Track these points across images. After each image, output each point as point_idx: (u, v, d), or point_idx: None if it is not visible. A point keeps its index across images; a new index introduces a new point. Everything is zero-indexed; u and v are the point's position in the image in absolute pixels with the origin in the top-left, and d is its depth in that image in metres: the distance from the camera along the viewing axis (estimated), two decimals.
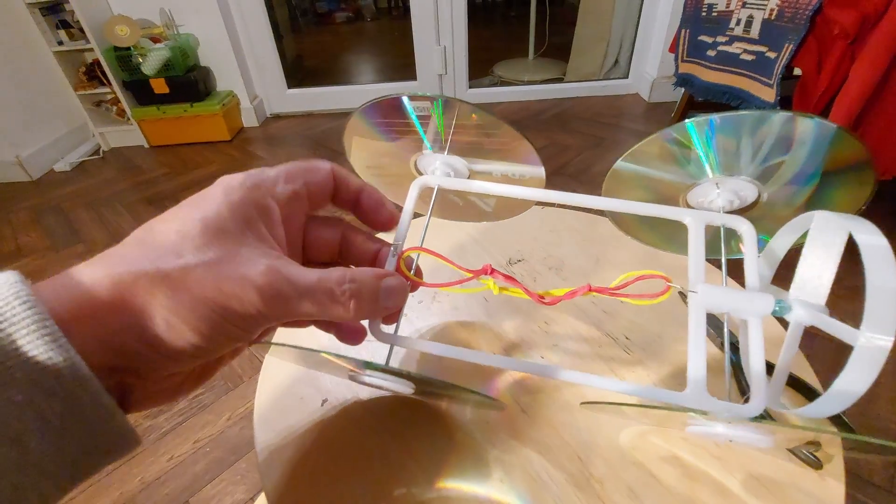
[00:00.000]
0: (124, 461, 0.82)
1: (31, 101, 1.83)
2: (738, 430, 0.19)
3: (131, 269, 0.15)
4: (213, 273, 0.16)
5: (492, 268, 0.22)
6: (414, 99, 0.26)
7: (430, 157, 0.29)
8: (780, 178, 0.26)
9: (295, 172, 0.21)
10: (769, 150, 0.24)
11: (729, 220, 0.25)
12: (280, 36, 2.14)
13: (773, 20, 1.14)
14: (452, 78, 2.19)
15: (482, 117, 0.27)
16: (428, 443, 0.27)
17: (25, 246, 1.43)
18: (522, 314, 0.36)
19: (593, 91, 2.28)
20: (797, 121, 0.23)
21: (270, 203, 0.19)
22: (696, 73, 1.44)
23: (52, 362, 0.13)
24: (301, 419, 0.28)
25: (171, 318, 0.16)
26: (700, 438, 0.22)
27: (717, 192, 0.26)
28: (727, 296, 0.21)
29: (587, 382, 0.21)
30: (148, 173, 1.83)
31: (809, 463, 0.25)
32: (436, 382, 0.22)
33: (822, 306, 0.21)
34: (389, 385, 0.23)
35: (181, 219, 0.17)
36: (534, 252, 0.42)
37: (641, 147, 0.26)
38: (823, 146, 0.24)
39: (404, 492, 0.24)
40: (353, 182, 0.23)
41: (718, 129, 0.25)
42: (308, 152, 1.91)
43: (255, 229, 0.18)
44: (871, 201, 0.27)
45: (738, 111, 0.24)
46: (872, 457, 0.23)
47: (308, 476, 0.25)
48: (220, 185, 0.19)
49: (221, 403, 0.91)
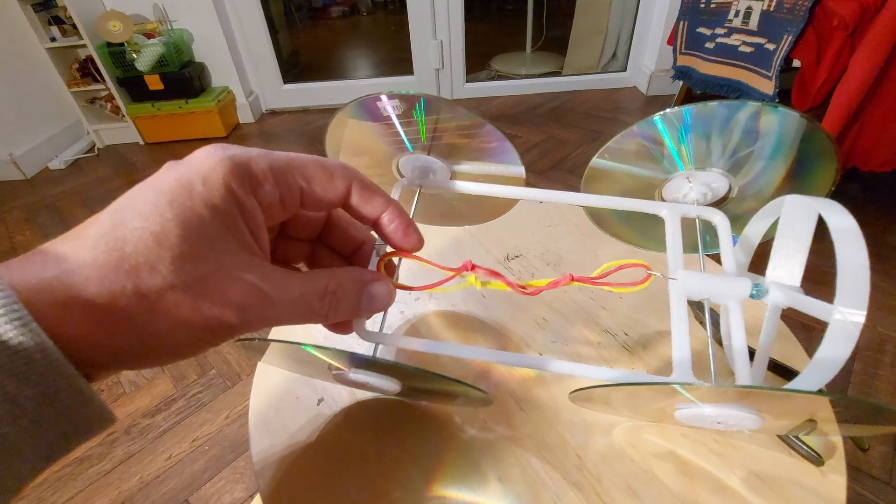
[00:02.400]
0: (127, 456, 0.81)
1: (25, 98, 1.81)
2: (724, 410, 0.19)
3: (107, 286, 0.14)
4: (192, 295, 0.16)
5: (472, 263, 0.22)
6: (392, 97, 0.25)
7: (412, 159, 0.29)
8: (749, 170, 0.26)
9: (291, 176, 0.19)
10: (738, 143, 0.25)
11: (703, 212, 0.26)
12: (275, 31, 2.12)
13: (772, 11, 1.13)
14: (449, 72, 2.18)
15: (465, 117, 0.27)
16: (424, 442, 0.26)
17: (20, 245, 1.42)
18: (519, 310, 0.35)
19: (591, 84, 2.26)
20: (763, 111, 0.24)
21: (253, 205, 0.18)
22: (694, 65, 1.43)
23: (23, 347, 0.13)
24: (297, 419, 0.28)
25: (148, 340, 0.15)
26: (690, 427, 0.22)
27: (689, 186, 0.27)
28: (706, 281, 0.22)
29: (576, 372, 0.21)
30: (143, 171, 1.82)
31: (810, 459, 0.24)
32: (420, 373, 0.21)
33: (798, 287, 0.22)
34: (375, 382, 0.22)
35: (158, 216, 0.15)
36: (531, 248, 0.42)
37: (614, 144, 0.27)
38: (790, 136, 0.24)
39: (401, 492, 0.24)
40: (378, 202, 0.21)
41: (687, 122, 0.25)
42: (304, 148, 1.90)
43: (238, 234, 0.17)
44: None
45: (706, 103, 0.24)
46: (866, 430, 0.23)
47: (303, 476, 0.25)
48: (199, 175, 0.16)
49: (219, 402, 0.91)
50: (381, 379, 0.22)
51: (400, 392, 0.24)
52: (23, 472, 0.14)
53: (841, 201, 0.22)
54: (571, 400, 0.24)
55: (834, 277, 0.20)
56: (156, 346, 0.16)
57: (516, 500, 0.24)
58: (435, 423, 0.27)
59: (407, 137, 0.28)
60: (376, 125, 0.27)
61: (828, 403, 0.18)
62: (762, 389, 0.16)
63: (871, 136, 1.07)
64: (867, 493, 0.71)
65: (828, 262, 0.22)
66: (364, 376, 0.22)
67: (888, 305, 1.01)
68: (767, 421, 0.20)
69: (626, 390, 0.20)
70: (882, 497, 0.71)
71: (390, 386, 0.22)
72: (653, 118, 0.26)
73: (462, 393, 0.23)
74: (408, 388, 0.24)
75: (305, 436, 0.27)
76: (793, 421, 0.21)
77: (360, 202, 0.20)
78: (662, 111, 0.26)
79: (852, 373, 0.88)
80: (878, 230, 1.23)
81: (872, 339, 0.95)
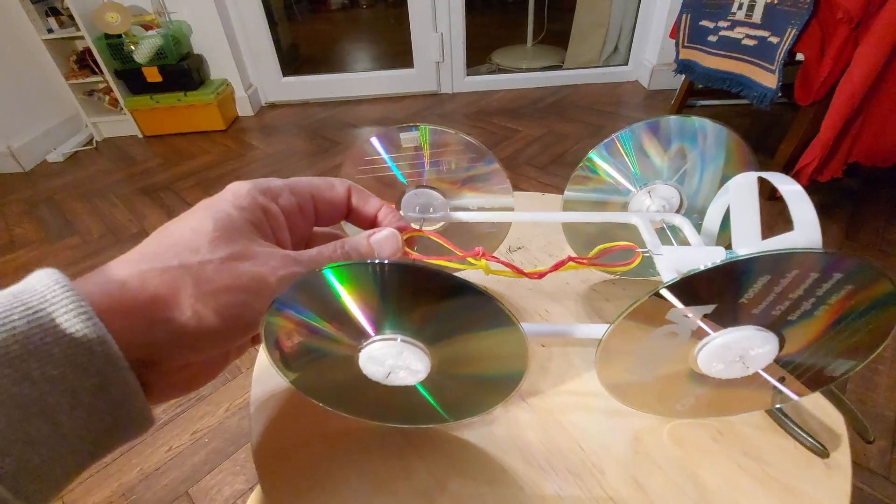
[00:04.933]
0: (128, 448, 0.82)
1: (22, 90, 1.80)
2: (742, 333, 0.20)
3: (155, 265, 0.17)
4: (230, 265, 0.18)
5: (483, 251, 0.23)
6: (402, 130, 0.30)
7: (412, 196, 0.32)
8: (692, 181, 0.31)
9: (303, 186, 0.23)
10: (674, 156, 0.30)
11: (666, 217, 0.31)
12: (274, 23, 2.10)
13: (775, 4, 1.12)
14: (450, 65, 2.16)
15: (465, 147, 0.30)
16: (428, 432, 0.26)
17: (19, 238, 1.42)
18: (522, 301, 0.35)
19: (592, 78, 2.25)
20: (687, 124, 0.29)
21: (275, 209, 0.21)
22: (696, 59, 1.42)
23: (87, 339, 0.15)
24: (298, 408, 0.28)
25: (196, 306, 0.17)
26: (705, 366, 0.21)
27: (650, 201, 0.32)
28: (687, 252, 0.26)
29: (569, 332, 0.24)
30: (142, 164, 1.81)
31: (815, 451, 0.24)
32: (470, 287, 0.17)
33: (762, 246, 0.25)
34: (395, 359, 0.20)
35: (195, 219, 0.19)
36: (533, 239, 0.42)
37: (577, 175, 0.32)
38: (714, 147, 0.29)
39: (403, 482, 0.24)
40: (373, 202, 0.24)
41: (627, 143, 0.31)
42: (303, 142, 1.89)
43: (262, 230, 0.20)
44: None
45: (640, 122, 0.30)
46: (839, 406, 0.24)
47: (304, 465, 0.25)
48: (230, 190, 0.20)
49: (220, 394, 0.91)
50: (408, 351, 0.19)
51: (428, 374, 0.21)
52: (70, 464, 0.15)
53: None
54: (598, 366, 0.23)
55: None
56: (200, 328, 0.17)
57: (519, 491, 0.24)
58: None
59: (400, 173, 0.31)
60: (375, 162, 0.31)
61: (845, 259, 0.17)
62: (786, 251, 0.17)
63: (873, 131, 1.06)
64: (865, 487, 0.71)
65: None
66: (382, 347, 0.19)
67: None
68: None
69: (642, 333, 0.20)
70: (880, 491, 0.71)
71: (418, 363, 0.20)
72: (589, 155, 0.32)
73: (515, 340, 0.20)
74: (439, 364, 0.21)
75: (307, 425, 0.27)
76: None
77: (360, 203, 0.24)
78: (596, 146, 0.31)
79: None
80: (879, 226, 1.23)
81: None
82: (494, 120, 1.94)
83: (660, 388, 0.24)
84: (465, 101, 2.16)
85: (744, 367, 0.21)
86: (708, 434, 0.26)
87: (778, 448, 0.25)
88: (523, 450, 0.25)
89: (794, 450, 0.25)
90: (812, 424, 0.26)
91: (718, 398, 0.24)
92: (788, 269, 0.17)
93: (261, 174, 1.67)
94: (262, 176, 0.94)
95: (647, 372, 0.23)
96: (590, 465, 0.24)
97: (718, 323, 0.19)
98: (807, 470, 0.24)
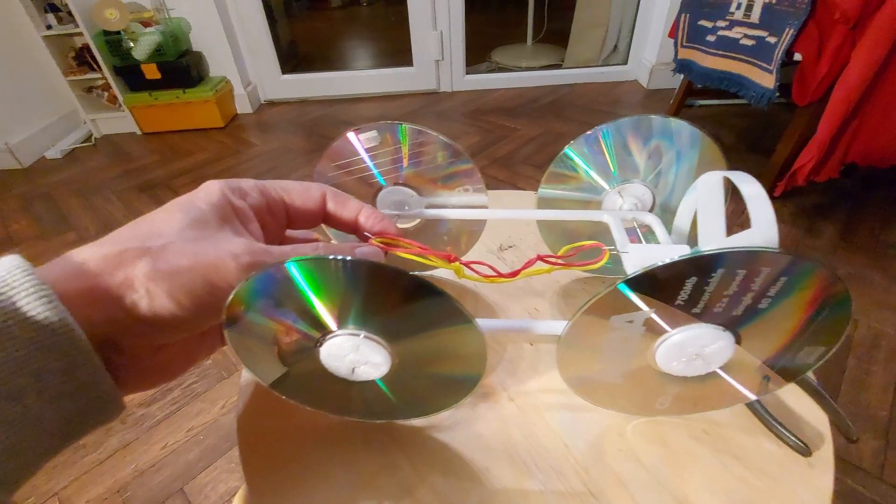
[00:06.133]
0: (122, 445, 0.82)
1: (20, 87, 1.80)
2: (697, 331, 0.20)
3: (116, 247, 0.17)
4: (192, 246, 0.18)
5: (455, 256, 0.24)
6: (361, 131, 0.30)
7: (387, 193, 0.32)
8: (666, 183, 0.31)
9: (273, 188, 0.23)
10: (650, 154, 0.31)
11: (638, 215, 0.31)
12: (273, 20, 2.10)
13: (773, 4, 1.12)
14: (449, 64, 2.16)
15: (441, 146, 0.31)
16: (412, 430, 0.26)
17: (16, 234, 1.42)
18: (511, 301, 0.35)
19: (592, 77, 2.25)
20: (659, 124, 0.30)
21: (244, 205, 0.22)
22: (695, 58, 1.42)
23: (48, 321, 0.15)
24: (285, 404, 0.28)
25: (150, 286, 0.17)
26: (665, 362, 0.21)
27: (622, 200, 0.32)
28: (651, 250, 0.26)
29: (529, 327, 0.24)
30: (140, 161, 1.81)
31: (797, 449, 0.24)
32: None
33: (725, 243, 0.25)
34: (353, 353, 0.20)
35: (165, 212, 0.19)
36: (525, 238, 0.42)
37: (551, 171, 0.33)
38: (688, 147, 0.30)
39: (387, 478, 0.24)
40: (351, 206, 0.24)
41: (602, 142, 0.31)
42: (302, 139, 1.89)
43: (232, 224, 0.21)
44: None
45: (617, 119, 0.30)
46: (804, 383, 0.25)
47: (290, 460, 0.25)
48: (202, 189, 0.21)
49: (215, 391, 0.91)
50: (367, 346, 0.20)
51: (387, 372, 0.21)
52: (42, 446, 0.16)
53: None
54: (560, 366, 0.23)
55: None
56: (156, 308, 0.17)
57: (503, 489, 0.24)
58: None
59: (377, 171, 0.32)
60: (352, 162, 0.31)
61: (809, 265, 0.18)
62: (734, 249, 0.17)
63: (870, 132, 1.06)
64: (858, 487, 0.72)
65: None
66: (342, 340, 0.20)
67: (883, 301, 1.01)
68: (741, 360, 0.21)
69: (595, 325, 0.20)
70: (872, 490, 0.71)
71: (376, 357, 0.20)
72: (565, 150, 0.32)
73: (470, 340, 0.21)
74: (399, 359, 0.21)
75: (293, 420, 0.27)
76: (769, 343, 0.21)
77: (337, 207, 0.24)
78: (572, 141, 0.31)
79: (846, 368, 0.89)
80: (875, 227, 1.23)
81: (867, 334, 0.95)
82: (492, 118, 1.94)
83: (630, 388, 0.24)
84: (463, 100, 2.16)
85: (704, 365, 0.21)
86: (692, 433, 0.26)
87: (761, 447, 0.25)
88: (508, 447, 0.25)
89: (778, 449, 0.25)
90: (797, 423, 0.26)
91: (698, 394, 0.24)
92: (742, 267, 0.17)
93: (258, 171, 1.67)
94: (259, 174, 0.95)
95: (613, 370, 0.23)
96: (573, 463, 0.25)
97: (673, 320, 0.20)
98: (789, 468, 0.24)
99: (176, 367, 0.21)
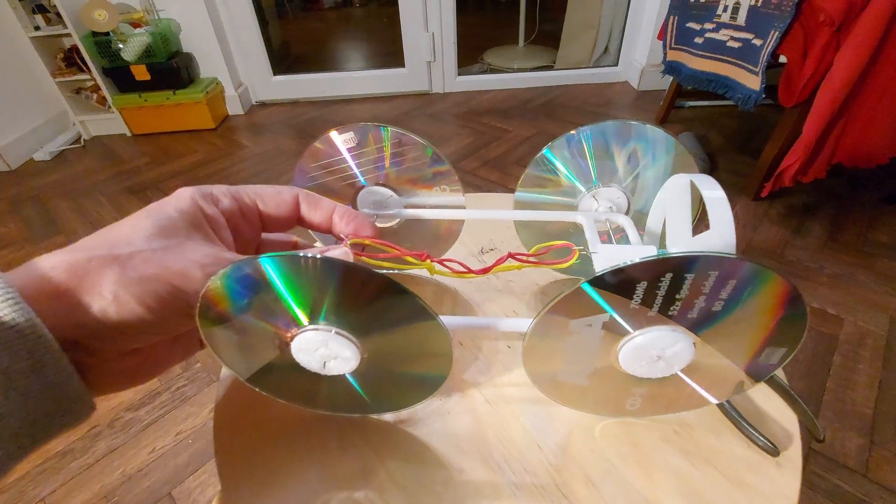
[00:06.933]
0: (110, 449, 0.81)
1: (8, 88, 1.78)
2: (657, 333, 0.20)
3: (83, 254, 0.17)
4: (160, 255, 0.18)
5: (428, 254, 0.24)
6: (341, 131, 0.31)
7: (367, 193, 0.33)
8: (642, 191, 0.32)
9: (246, 193, 0.23)
10: (626, 159, 0.31)
11: (611, 216, 0.31)
12: (265, 21, 2.09)
13: (759, 7, 1.14)
14: (441, 65, 2.17)
15: (420, 148, 0.31)
16: (387, 433, 0.26)
17: (3, 237, 1.40)
18: (489, 302, 0.35)
19: (583, 79, 2.26)
20: (635, 130, 0.30)
21: (215, 211, 0.22)
22: (683, 60, 1.43)
23: (15, 322, 0.15)
24: (261, 409, 0.28)
25: (117, 292, 0.17)
26: (626, 362, 0.22)
27: (596, 203, 0.33)
28: (620, 250, 0.26)
29: (494, 325, 0.25)
30: (129, 163, 1.80)
31: (766, 449, 0.25)
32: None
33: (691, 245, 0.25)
34: (324, 347, 0.20)
35: (135, 219, 0.20)
36: (506, 241, 0.42)
37: (527, 174, 0.33)
38: (663, 152, 0.31)
39: (361, 482, 0.24)
40: (324, 206, 0.25)
41: (578, 145, 0.32)
42: (293, 141, 1.88)
43: (202, 231, 0.21)
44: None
45: (598, 123, 0.31)
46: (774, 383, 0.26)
47: (264, 464, 0.25)
48: (174, 195, 0.21)
49: (204, 395, 0.91)
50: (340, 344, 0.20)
51: (356, 368, 0.22)
52: (10, 447, 0.16)
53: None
54: (526, 365, 0.24)
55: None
56: (122, 314, 0.17)
57: (476, 490, 0.24)
58: (397, 414, 0.27)
59: (359, 171, 0.32)
60: (333, 161, 0.32)
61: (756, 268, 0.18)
62: (694, 253, 0.17)
63: (856, 132, 1.07)
64: (843, 484, 0.72)
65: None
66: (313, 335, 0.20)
67: (870, 300, 1.02)
68: (704, 360, 0.22)
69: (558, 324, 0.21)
70: (857, 488, 0.72)
71: (346, 350, 0.21)
72: (543, 151, 0.32)
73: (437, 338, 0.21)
74: (368, 363, 0.22)
75: (268, 425, 0.27)
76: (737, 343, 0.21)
77: (309, 210, 0.25)
78: (550, 143, 0.32)
79: (832, 365, 0.90)
80: (862, 227, 1.25)
81: (853, 333, 0.96)
82: (485, 120, 1.95)
83: (598, 388, 0.25)
84: (455, 101, 2.16)
85: (667, 367, 0.21)
86: (663, 434, 0.26)
87: (730, 448, 0.25)
88: (482, 449, 0.26)
89: (747, 449, 0.25)
90: (766, 423, 0.26)
91: (669, 394, 0.24)
92: (697, 270, 0.18)
93: (249, 173, 1.66)
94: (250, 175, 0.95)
95: (579, 370, 0.24)
96: (546, 465, 0.25)
97: (634, 322, 0.20)
98: (757, 469, 0.24)
99: (148, 370, 0.21)
